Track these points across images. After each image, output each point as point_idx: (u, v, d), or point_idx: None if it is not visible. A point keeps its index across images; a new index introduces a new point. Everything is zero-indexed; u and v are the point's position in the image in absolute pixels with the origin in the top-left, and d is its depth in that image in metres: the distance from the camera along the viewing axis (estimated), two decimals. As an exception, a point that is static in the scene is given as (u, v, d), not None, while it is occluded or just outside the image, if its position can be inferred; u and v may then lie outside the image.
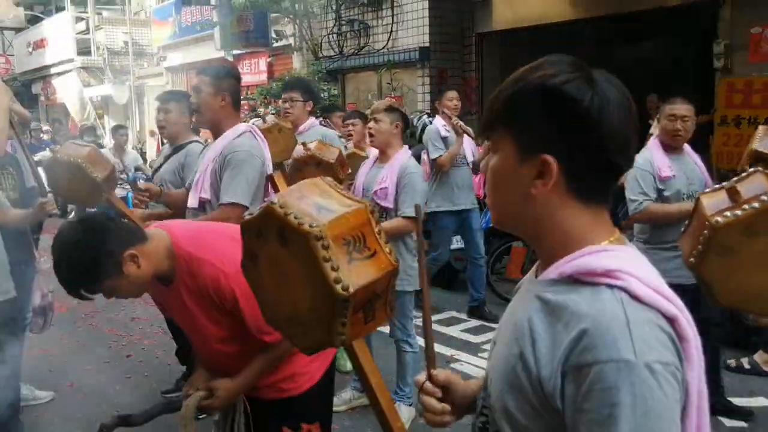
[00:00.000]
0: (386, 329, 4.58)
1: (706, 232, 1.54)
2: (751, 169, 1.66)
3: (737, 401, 4.60)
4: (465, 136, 6.28)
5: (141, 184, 4.01)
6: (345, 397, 4.58)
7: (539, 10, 9.97)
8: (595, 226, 1.19)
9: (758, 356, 5.10)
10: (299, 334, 1.36)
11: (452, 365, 5.36)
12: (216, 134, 3.65)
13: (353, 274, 1.26)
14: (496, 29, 10.67)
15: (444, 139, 6.23)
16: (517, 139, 1.18)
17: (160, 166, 4.62)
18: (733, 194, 1.56)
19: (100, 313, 7.14)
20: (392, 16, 11.16)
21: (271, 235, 1.30)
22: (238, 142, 3.52)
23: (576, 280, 1.14)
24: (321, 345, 1.35)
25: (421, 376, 1.48)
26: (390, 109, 4.22)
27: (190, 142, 4.48)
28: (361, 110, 11.91)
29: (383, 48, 11.36)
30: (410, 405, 4.43)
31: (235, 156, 3.46)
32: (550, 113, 1.14)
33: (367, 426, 4.40)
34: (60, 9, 24.55)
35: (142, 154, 15.36)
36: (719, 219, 1.53)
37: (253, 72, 15.52)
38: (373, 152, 4.56)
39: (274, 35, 13.49)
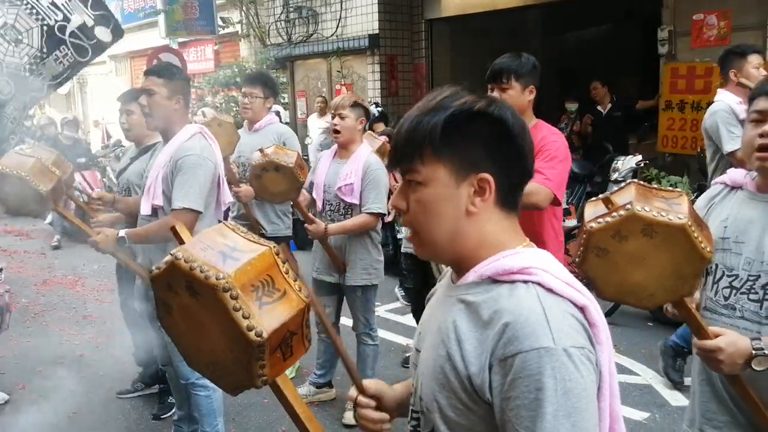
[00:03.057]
0: (349, 322, 4.60)
1: (584, 236, 1.74)
2: (628, 181, 1.86)
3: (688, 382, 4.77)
4: None
5: (94, 192, 3.91)
6: (302, 392, 4.59)
7: (488, -4, 10.01)
8: (510, 233, 1.31)
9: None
10: (222, 376, 1.40)
11: (407, 354, 5.40)
12: (166, 137, 3.53)
13: (265, 318, 1.28)
14: (446, 16, 10.69)
15: (742, 122, 4.31)
16: (451, 163, 1.25)
17: (125, 168, 4.48)
18: (607, 203, 1.73)
19: (50, 312, 7.00)
20: (341, 2, 11.07)
21: (180, 288, 1.31)
22: (189, 146, 3.41)
23: (494, 281, 1.24)
24: (244, 386, 1.39)
25: (353, 392, 1.56)
26: (355, 105, 4.18)
27: (157, 143, 4.36)
28: (311, 98, 11.92)
29: (332, 35, 11.28)
30: (369, 397, 4.46)
31: (186, 160, 3.36)
32: (482, 134, 1.25)
33: (324, 419, 4.43)
34: (-4, -5, 23.75)
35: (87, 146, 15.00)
36: (593, 225, 1.71)
37: (199, 60, 15.30)
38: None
39: (220, 22, 13.29)
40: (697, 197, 5.25)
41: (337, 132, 4.20)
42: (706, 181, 5.72)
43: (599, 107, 8.81)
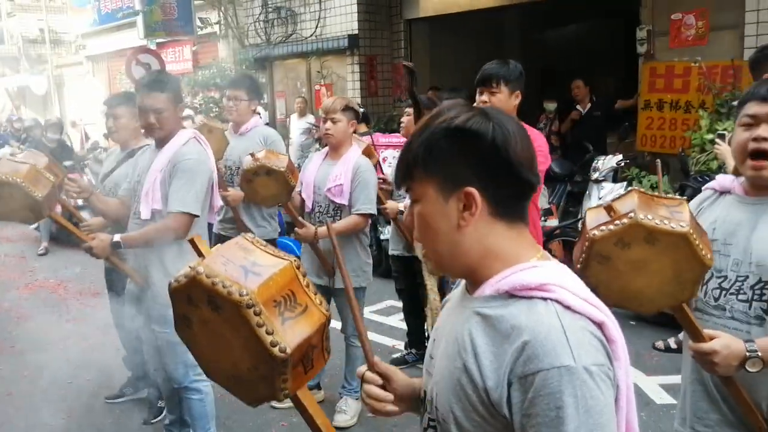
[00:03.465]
0: (338, 325, 4.61)
1: (586, 243, 1.77)
2: (630, 188, 1.93)
3: (667, 379, 4.84)
4: None
5: (72, 176, 3.80)
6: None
7: (466, -4, 10.07)
8: (522, 245, 1.31)
9: (683, 335, 5.29)
10: (243, 389, 1.40)
11: (394, 356, 5.42)
12: (162, 141, 3.55)
13: (288, 334, 1.29)
14: (425, 15, 10.72)
15: None
16: (436, 180, 1.29)
17: (111, 171, 4.44)
18: (609, 211, 1.77)
19: (34, 316, 6.91)
20: (319, 3, 11.06)
21: (201, 302, 1.31)
22: (186, 150, 3.47)
23: (512, 295, 1.24)
24: (265, 399, 1.40)
25: (363, 368, 1.55)
26: (346, 109, 4.22)
27: (144, 146, 4.30)
28: (290, 98, 11.88)
29: (311, 36, 11.27)
30: (357, 399, 4.49)
31: (183, 164, 3.41)
32: (461, 149, 1.26)
33: (315, 422, 4.44)
34: (-33, -4, 23.42)
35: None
36: (596, 232, 1.75)
37: (177, 60, 15.20)
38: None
39: (198, 23, 13.22)
40: (679, 196, 5.33)
41: (327, 135, 4.22)
42: (688, 180, 5.82)
43: (578, 107, 8.89)
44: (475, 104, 3.35)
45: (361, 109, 8.36)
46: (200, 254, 1.36)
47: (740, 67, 6.95)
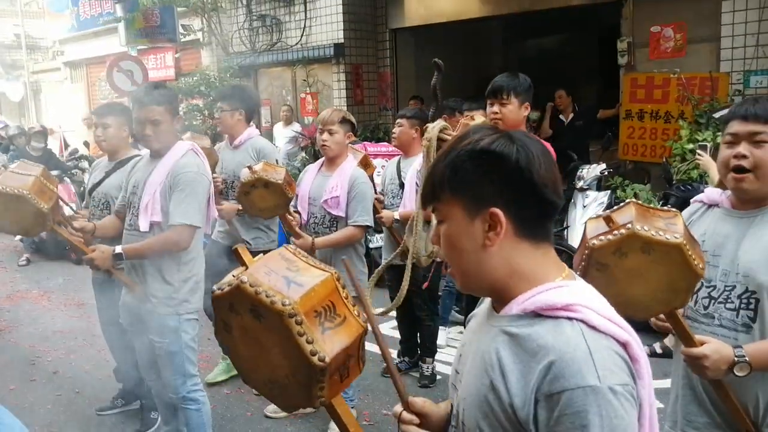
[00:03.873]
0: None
1: (586, 251, 1.88)
2: (627, 200, 2.02)
3: (653, 383, 4.92)
4: None
5: (76, 223, 3.78)
6: (285, 404, 4.62)
7: (451, 6, 10.18)
8: (548, 264, 1.35)
9: (668, 340, 5.41)
10: (279, 395, 1.44)
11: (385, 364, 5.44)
12: (158, 153, 3.57)
13: (327, 343, 1.33)
14: (409, 25, 10.82)
15: None
16: (462, 200, 1.33)
17: (100, 182, 4.39)
18: (608, 222, 1.87)
19: (18, 328, 6.82)
20: (305, 11, 11.11)
21: (243, 310, 1.35)
22: (185, 162, 3.50)
23: (538, 315, 1.28)
24: (301, 405, 1.44)
25: (398, 407, 1.58)
26: (343, 121, 4.27)
27: (133, 157, 4.25)
28: (275, 106, 11.89)
29: (296, 44, 11.31)
30: (352, 407, 4.53)
31: (184, 176, 3.44)
32: (486, 171, 1.31)
33: (309, 431, 4.48)
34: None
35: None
36: (595, 242, 1.86)
37: (159, 67, 15.10)
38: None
39: (181, 30, 13.17)
40: (662, 204, 5.44)
41: (324, 146, 4.26)
42: (671, 188, 5.94)
43: (561, 116, 9.02)
44: (486, 112, 3.48)
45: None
46: (243, 264, 1.41)
47: (717, 78, 7.12)
